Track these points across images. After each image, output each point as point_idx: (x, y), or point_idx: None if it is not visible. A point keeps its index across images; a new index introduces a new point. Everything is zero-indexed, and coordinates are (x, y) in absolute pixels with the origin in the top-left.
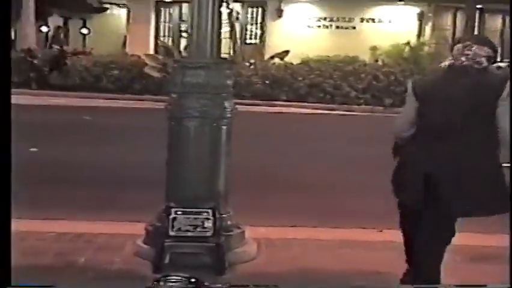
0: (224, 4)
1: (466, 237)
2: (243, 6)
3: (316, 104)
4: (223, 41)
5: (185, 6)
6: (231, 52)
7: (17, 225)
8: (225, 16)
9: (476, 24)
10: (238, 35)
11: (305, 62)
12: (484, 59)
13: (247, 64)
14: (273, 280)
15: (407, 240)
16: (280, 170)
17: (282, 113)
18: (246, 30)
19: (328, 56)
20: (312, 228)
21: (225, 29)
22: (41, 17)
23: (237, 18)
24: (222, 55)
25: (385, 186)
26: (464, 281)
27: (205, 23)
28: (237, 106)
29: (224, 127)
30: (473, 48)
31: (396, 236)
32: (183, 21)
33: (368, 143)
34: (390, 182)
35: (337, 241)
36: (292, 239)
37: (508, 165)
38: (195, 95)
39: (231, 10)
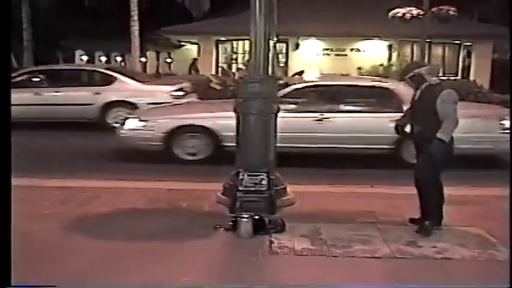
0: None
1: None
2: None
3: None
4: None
5: (235, 43)
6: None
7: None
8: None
9: (426, 52)
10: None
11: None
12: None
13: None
14: (304, 216)
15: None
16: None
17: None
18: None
19: (329, 74)
20: (326, 186)
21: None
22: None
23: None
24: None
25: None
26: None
27: (259, 52)
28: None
29: (272, 120)
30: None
31: (383, 190)
32: (234, 52)
33: None
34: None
35: (343, 193)
36: (315, 191)
37: None
38: (253, 99)
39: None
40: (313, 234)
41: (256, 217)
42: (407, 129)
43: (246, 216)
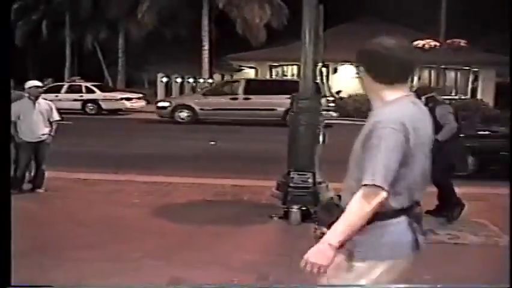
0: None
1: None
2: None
3: (359, 119)
4: None
5: (285, 67)
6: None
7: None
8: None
9: (441, 76)
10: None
11: (351, 96)
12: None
13: None
14: None
15: None
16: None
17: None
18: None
19: (362, 93)
20: None
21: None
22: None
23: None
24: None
25: None
26: None
27: (307, 74)
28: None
29: (319, 130)
30: None
31: None
32: (284, 75)
33: None
34: None
35: None
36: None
37: None
38: (303, 113)
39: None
40: None
41: (304, 208)
42: None
43: (296, 207)
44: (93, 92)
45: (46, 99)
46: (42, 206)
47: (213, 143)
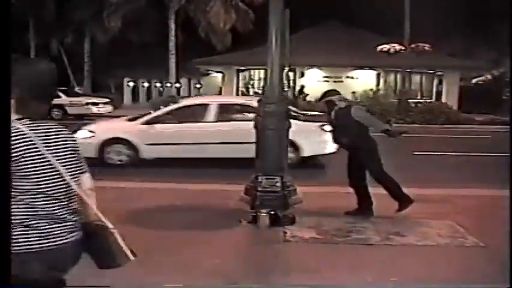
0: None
1: None
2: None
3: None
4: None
5: (252, 71)
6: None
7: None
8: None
9: (407, 79)
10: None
11: (317, 100)
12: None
13: None
14: (310, 211)
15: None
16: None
17: None
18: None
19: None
20: (329, 187)
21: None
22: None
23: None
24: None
25: None
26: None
27: (274, 79)
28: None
29: (285, 133)
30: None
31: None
32: (251, 79)
33: None
34: None
35: (334, 192)
36: (319, 192)
37: None
38: (270, 117)
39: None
40: (318, 226)
41: (272, 212)
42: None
43: (264, 211)
44: (58, 97)
45: None
46: None
47: None
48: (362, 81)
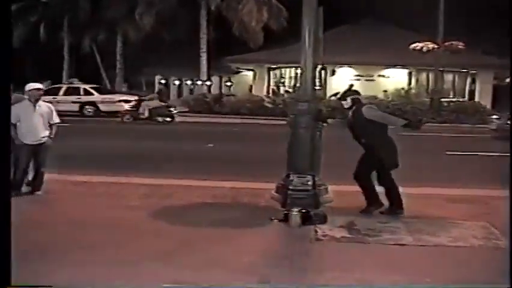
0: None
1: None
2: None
3: None
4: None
5: (283, 70)
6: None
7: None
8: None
9: (439, 78)
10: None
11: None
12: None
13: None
14: (340, 209)
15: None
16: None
17: None
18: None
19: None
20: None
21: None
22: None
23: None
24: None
25: None
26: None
27: (307, 78)
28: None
29: (318, 132)
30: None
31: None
32: (282, 77)
33: None
34: None
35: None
36: (347, 191)
37: None
38: (303, 116)
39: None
40: (349, 225)
41: (304, 211)
42: None
43: (296, 210)
44: (91, 94)
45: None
46: (42, 208)
47: (210, 145)
48: (393, 79)
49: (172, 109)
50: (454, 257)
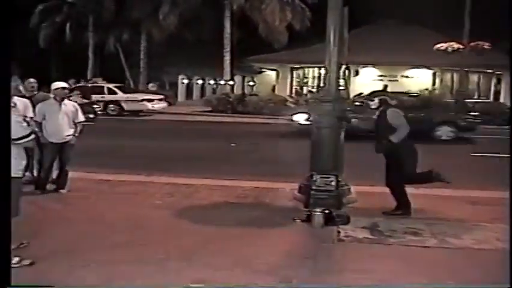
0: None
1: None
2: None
3: None
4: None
5: (306, 69)
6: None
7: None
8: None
9: (464, 78)
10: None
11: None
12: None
13: None
14: (363, 210)
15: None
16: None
17: None
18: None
19: None
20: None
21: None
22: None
23: None
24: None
25: None
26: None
27: (331, 77)
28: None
29: (342, 132)
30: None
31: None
32: (305, 77)
33: None
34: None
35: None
36: (369, 191)
37: None
38: (326, 116)
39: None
40: (372, 227)
41: (327, 211)
42: None
43: (318, 210)
44: (115, 93)
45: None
46: (66, 206)
47: (233, 144)
48: (417, 80)
49: (95, 106)
50: (477, 259)
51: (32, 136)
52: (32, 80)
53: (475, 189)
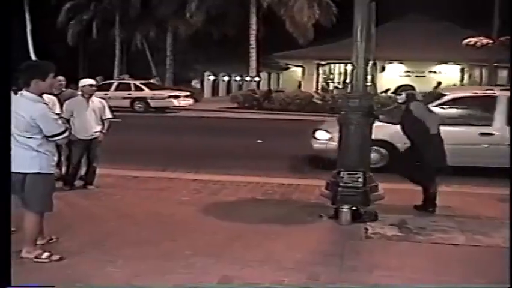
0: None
1: None
2: None
3: None
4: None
5: (332, 66)
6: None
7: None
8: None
9: (493, 74)
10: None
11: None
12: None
13: None
14: (391, 206)
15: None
16: None
17: None
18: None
19: None
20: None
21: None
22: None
23: None
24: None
25: None
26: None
27: (359, 73)
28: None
29: (368, 129)
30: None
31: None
32: (331, 74)
33: None
34: None
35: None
36: (398, 188)
37: None
38: (354, 112)
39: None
40: (400, 224)
41: (354, 208)
42: None
43: (346, 207)
44: (142, 90)
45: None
46: (94, 202)
47: (260, 141)
48: (445, 76)
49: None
50: (507, 257)
51: (67, 133)
52: (60, 77)
53: (504, 186)
